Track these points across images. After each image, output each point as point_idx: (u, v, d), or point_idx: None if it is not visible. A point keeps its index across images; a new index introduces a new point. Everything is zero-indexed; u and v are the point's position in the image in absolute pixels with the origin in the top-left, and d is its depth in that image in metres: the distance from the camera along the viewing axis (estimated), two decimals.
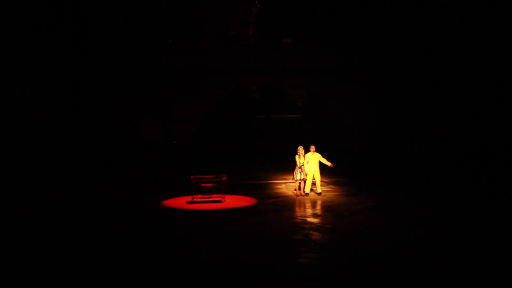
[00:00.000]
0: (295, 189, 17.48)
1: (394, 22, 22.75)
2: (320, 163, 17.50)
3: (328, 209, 14.87)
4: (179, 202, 16.22)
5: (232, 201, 16.34)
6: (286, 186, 19.33)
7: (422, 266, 9.14)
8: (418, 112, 22.58)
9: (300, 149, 17.26)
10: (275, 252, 10.20)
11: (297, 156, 17.17)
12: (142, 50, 22.19)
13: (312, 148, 17.41)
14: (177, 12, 23.90)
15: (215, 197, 16.59)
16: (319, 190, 17.48)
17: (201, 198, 16.56)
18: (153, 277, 8.71)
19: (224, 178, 16.71)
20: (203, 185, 16.59)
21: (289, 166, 18.33)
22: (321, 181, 17.96)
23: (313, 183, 17.61)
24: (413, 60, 22.54)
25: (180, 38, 23.14)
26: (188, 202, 16.16)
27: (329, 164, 17.50)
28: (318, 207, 15.39)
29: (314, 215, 14.16)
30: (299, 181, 17.14)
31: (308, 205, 15.76)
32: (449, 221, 13.03)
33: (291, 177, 17.81)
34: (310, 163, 17.20)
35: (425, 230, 12.08)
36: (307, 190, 17.32)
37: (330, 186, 19.37)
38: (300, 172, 17.03)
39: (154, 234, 11.94)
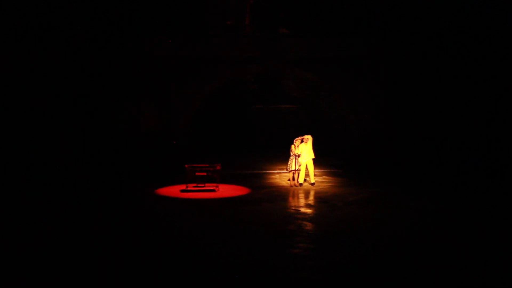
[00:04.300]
0: (289, 179, 17.47)
1: (394, 13, 22.61)
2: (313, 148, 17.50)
3: (322, 199, 14.87)
4: (173, 191, 16.20)
5: (226, 191, 16.33)
6: (280, 176, 19.32)
7: (416, 258, 9.14)
8: (415, 104, 22.55)
9: (297, 140, 17.23)
10: (268, 242, 10.19)
11: (292, 146, 17.14)
12: (139, 39, 22.04)
13: (305, 138, 17.38)
14: (175, 2, 23.73)
15: (209, 186, 16.57)
16: (312, 180, 17.48)
17: (194, 187, 16.54)
18: (143, 266, 8.68)
19: (218, 168, 16.69)
20: (197, 174, 16.56)
21: (284, 156, 18.31)
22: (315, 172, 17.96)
23: (307, 174, 17.60)
24: (412, 52, 22.45)
25: (178, 27, 22.98)
26: (182, 191, 16.13)
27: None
28: (312, 197, 15.39)
29: (308, 206, 14.16)
30: (293, 171, 17.13)
31: (301, 195, 15.75)
32: (444, 213, 13.05)
33: (285, 167, 17.80)
34: (303, 153, 17.18)
35: (419, 221, 12.10)
36: (301, 180, 17.31)
37: (324, 177, 19.36)
38: (295, 163, 17.01)
39: (146, 223, 11.91)
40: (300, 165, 17.10)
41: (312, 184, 17.36)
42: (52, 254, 9.34)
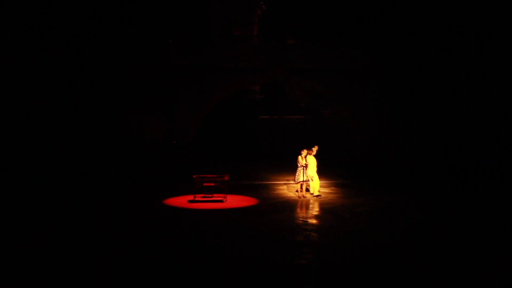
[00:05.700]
0: (297, 191, 17.48)
1: (399, 23, 22.69)
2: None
3: (330, 211, 14.88)
4: (181, 201, 16.25)
5: (233, 201, 16.36)
6: (288, 187, 19.33)
7: (422, 269, 9.14)
8: (421, 113, 22.56)
9: (304, 151, 17.25)
10: (275, 252, 10.21)
11: (299, 157, 17.16)
12: (146, 48, 22.16)
13: (312, 150, 17.42)
14: (182, 11, 23.88)
15: (217, 196, 16.59)
16: (305, 194, 17.38)
17: (202, 197, 16.56)
18: (153, 276, 8.73)
19: (226, 178, 16.72)
20: (205, 184, 16.60)
21: (291, 167, 18.34)
22: (322, 182, 17.97)
23: (307, 184, 17.52)
24: (417, 61, 22.50)
25: (185, 37, 23.12)
26: (190, 201, 16.17)
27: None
28: (320, 208, 15.39)
29: (315, 217, 14.17)
30: (301, 182, 17.13)
31: (309, 206, 15.76)
32: (450, 224, 13.03)
33: (293, 178, 17.81)
34: (310, 164, 17.18)
35: (426, 232, 12.09)
36: (316, 192, 17.20)
37: (331, 188, 19.36)
38: (303, 174, 17.02)
39: (155, 233, 11.96)
40: (308, 176, 17.07)
41: (304, 197, 17.24)
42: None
